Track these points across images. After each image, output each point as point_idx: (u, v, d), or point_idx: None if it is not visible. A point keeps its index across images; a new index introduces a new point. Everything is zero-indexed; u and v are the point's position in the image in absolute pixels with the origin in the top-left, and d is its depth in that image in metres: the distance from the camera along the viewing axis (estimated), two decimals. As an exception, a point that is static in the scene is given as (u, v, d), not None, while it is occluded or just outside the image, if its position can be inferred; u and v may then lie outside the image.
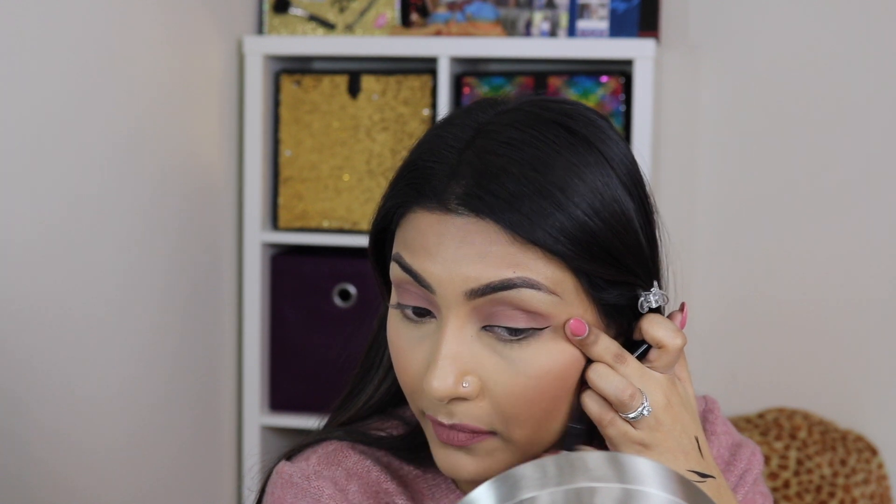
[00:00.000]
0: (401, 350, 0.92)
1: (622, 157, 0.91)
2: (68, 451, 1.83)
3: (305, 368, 2.40)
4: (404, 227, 0.91)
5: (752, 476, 1.06)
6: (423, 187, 0.89)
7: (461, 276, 0.87)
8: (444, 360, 0.88)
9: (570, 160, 0.88)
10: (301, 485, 0.97)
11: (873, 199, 2.48)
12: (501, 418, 0.90)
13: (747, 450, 1.07)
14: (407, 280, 0.90)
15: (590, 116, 0.92)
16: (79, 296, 1.83)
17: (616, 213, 0.88)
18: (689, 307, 0.96)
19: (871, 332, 2.50)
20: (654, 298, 0.91)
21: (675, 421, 0.90)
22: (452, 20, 2.36)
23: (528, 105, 0.92)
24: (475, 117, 0.92)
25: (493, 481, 0.64)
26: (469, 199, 0.87)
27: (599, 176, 0.88)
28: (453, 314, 0.88)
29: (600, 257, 0.87)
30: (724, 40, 2.52)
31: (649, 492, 0.64)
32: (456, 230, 0.87)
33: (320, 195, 2.40)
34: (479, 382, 0.89)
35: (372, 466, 1.00)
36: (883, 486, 2.40)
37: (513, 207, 0.85)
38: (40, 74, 1.72)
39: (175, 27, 2.12)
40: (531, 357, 0.88)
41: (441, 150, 0.90)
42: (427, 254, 0.88)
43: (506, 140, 0.88)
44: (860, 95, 2.47)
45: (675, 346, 0.90)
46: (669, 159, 2.54)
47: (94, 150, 1.86)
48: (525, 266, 0.86)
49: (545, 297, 0.87)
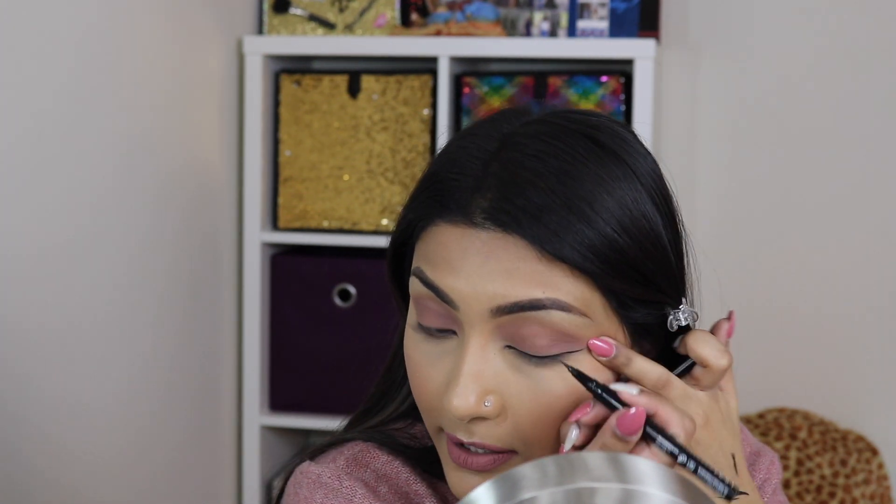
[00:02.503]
0: (419, 366, 0.90)
1: (650, 170, 0.89)
2: (68, 451, 1.83)
3: (305, 368, 2.40)
4: (426, 240, 0.88)
5: (771, 486, 1.05)
6: (446, 200, 0.86)
7: (487, 293, 0.84)
8: (465, 378, 0.85)
9: (598, 174, 0.85)
10: (331, 485, 0.95)
11: (873, 198, 2.48)
12: (522, 438, 0.87)
13: (766, 458, 1.06)
14: (428, 295, 0.87)
15: (616, 129, 0.90)
16: (78, 296, 1.83)
17: (645, 229, 0.86)
18: (705, 314, 0.95)
19: (871, 333, 2.50)
20: (684, 316, 0.89)
21: (713, 439, 0.89)
22: (452, 20, 2.36)
23: (554, 116, 0.90)
24: (499, 128, 0.89)
25: (493, 481, 0.64)
26: (495, 212, 0.84)
27: (628, 190, 0.86)
28: (476, 331, 0.86)
29: (629, 275, 0.85)
30: (724, 40, 2.52)
31: (649, 492, 0.64)
32: (481, 244, 0.84)
33: (320, 195, 2.40)
34: (501, 401, 0.86)
35: (401, 467, 0.98)
36: (883, 487, 2.40)
37: (540, 222, 0.83)
38: (40, 74, 1.72)
39: (175, 27, 2.12)
40: (556, 377, 0.86)
41: (465, 162, 0.87)
42: (450, 268, 0.85)
43: (532, 152, 0.86)
44: (860, 95, 2.47)
45: (720, 367, 0.89)
46: (669, 159, 2.54)
47: (94, 150, 1.86)
48: (554, 286, 0.84)
49: (575, 319, 0.84)
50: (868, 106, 2.47)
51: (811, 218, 2.51)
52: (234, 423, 2.42)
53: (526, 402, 0.86)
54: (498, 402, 0.86)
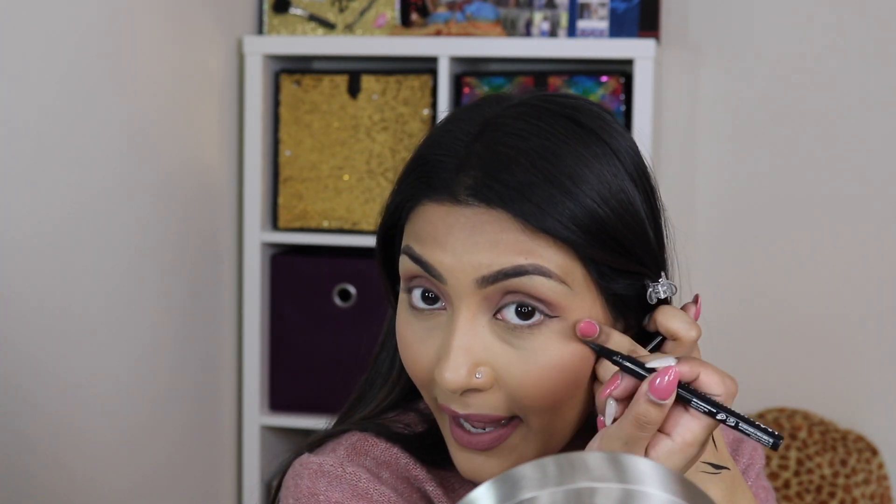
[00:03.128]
0: (411, 343, 0.92)
1: (628, 149, 0.92)
2: (69, 451, 1.83)
3: (305, 368, 2.40)
4: (414, 220, 0.91)
5: (754, 471, 1.06)
6: (432, 180, 0.89)
7: (472, 264, 0.87)
8: (456, 351, 0.87)
9: (578, 151, 0.88)
10: (334, 473, 0.96)
11: (873, 197, 2.48)
12: (519, 405, 0.89)
13: (749, 444, 1.07)
14: (417, 271, 0.89)
15: (595, 110, 0.92)
16: (79, 295, 1.83)
17: (624, 202, 0.88)
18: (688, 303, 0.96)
19: (871, 333, 2.50)
20: (663, 289, 0.91)
21: None
22: (452, 20, 2.36)
23: (535, 99, 0.92)
24: (482, 112, 0.92)
25: (493, 481, 0.64)
26: (479, 189, 0.87)
27: (607, 167, 0.88)
28: (464, 304, 0.88)
29: (609, 245, 0.87)
30: (724, 40, 2.52)
31: (650, 492, 0.64)
32: (466, 220, 0.87)
33: (320, 195, 2.40)
34: (492, 373, 0.88)
35: (400, 454, 0.99)
36: (883, 487, 2.40)
37: (523, 196, 0.86)
38: (40, 74, 1.72)
39: (175, 27, 2.12)
40: (541, 347, 0.88)
41: (450, 144, 0.90)
42: (437, 244, 0.88)
43: (514, 131, 0.88)
44: (861, 95, 2.47)
45: (690, 338, 0.90)
46: (669, 159, 2.54)
47: (94, 150, 1.86)
48: (536, 254, 0.86)
49: (556, 286, 0.86)
50: (868, 106, 2.47)
51: (811, 217, 2.51)
52: (233, 422, 2.42)
53: (516, 371, 0.88)
54: (489, 373, 0.88)
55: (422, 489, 0.99)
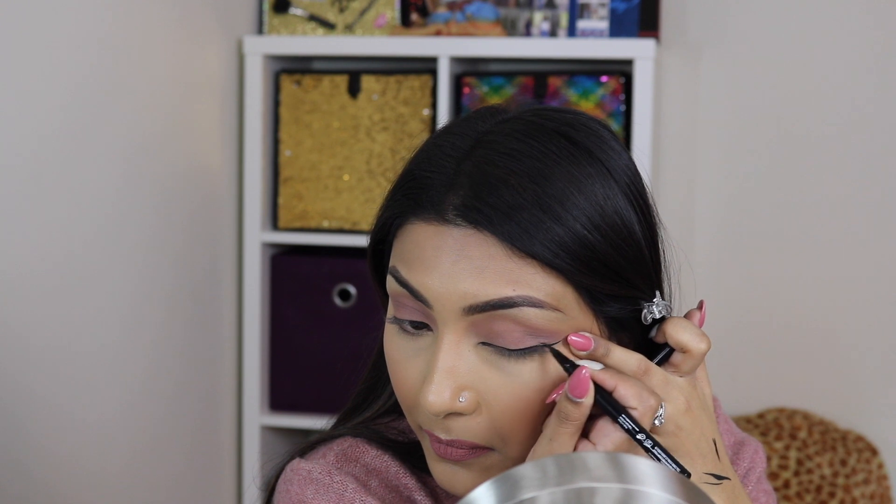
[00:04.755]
0: (397, 363, 0.91)
1: (624, 167, 0.90)
2: (68, 451, 1.83)
3: (305, 368, 2.40)
4: (401, 238, 0.89)
5: (755, 475, 1.06)
6: (420, 198, 0.88)
7: (458, 292, 0.85)
8: (439, 373, 0.86)
9: (570, 171, 0.86)
10: (322, 480, 0.96)
11: (873, 198, 2.48)
12: (499, 434, 0.88)
13: (750, 448, 1.07)
14: (403, 294, 0.88)
15: (591, 126, 0.90)
16: (79, 295, 1.83)
17: (617, 225, 0.87)
18: (689, 307, 0.96)
19: (871, 333, 2.50)
20: (658, 310, 0.90)
21: (695, 425, 0.89)
22: (452, 20, 2.36)
23: (529, 114, 0.90)
24: (474, 126, 0.90)
25: (493, 481, 0.64)
26: (467, 210, 0.85)
27: (600, 187, 0.87)
28: (450, 328, 0.87)
29: (600, 272, 0.86)
30: (724, 40, 2.52)
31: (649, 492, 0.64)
32: (453, 242, 0.85)
33: (320, 195, 2.40)
34: (477, 397, 0.87)
35: (390, 461, 0.99)
36: (883, 486, 2.40)
37: (510, 219, 0.84)
38: (39, 75, 1.72)
39: (175, 27, 2.12)
40: (532, 371, 0.86)
41: (439, 161, 0.88)
42: (424, 267, 0.87)
43: (505, 151, 0.87)
44: (860, 95, 2.47)
45: (700, 351, 0.89)
46: (669, 159, 2.54)
47: (94, 151, 1.86)
48: (525, 283, 0.84)
49: (548, 314, 0.85)
50: (868, 106, 2.47)
51: (810, 218, 2.51)
52: (234, 423, 2.42)
53: (501, 396, 0.87)
54: (473, 397, 0.87)
55: (411, 498, 0.98)
